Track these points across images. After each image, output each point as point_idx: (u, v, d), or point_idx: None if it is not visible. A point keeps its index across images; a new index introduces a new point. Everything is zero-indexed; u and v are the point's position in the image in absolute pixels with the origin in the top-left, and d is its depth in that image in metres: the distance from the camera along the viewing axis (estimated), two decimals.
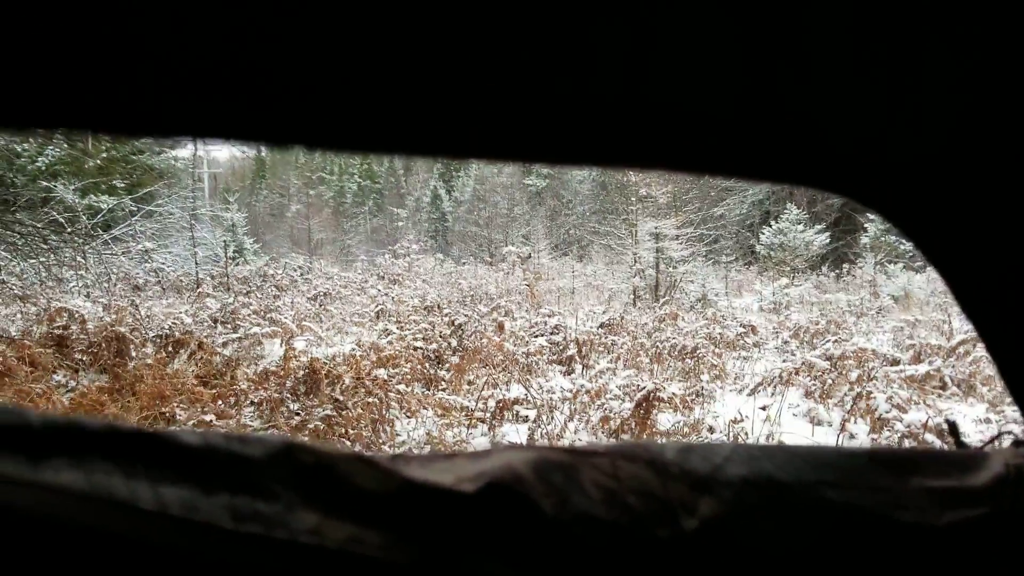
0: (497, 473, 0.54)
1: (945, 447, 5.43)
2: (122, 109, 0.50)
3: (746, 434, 6.15)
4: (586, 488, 0.56)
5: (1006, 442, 0.85)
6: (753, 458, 0.63)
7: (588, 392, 6.48)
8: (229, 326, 9.48)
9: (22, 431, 0.50)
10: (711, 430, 6.36)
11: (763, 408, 6.75)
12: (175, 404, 6.51)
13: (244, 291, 14.39)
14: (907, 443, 5.63)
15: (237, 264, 20.83)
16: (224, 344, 8.29)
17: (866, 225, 25.74)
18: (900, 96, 0.56)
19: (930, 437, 5.55)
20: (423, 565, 0.50)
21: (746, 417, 6.31)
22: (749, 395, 7.17)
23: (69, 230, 14.10)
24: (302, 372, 6.68)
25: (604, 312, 12.25)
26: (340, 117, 0.52)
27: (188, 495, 0.49)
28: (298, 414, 6.46)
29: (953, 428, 0.92)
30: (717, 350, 9.14)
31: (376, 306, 11.71)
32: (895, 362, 8.25)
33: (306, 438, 5.87)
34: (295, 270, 19.54)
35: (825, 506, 0.60)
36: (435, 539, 0.51)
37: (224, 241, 18.78)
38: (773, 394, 7.37)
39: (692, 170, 0.63)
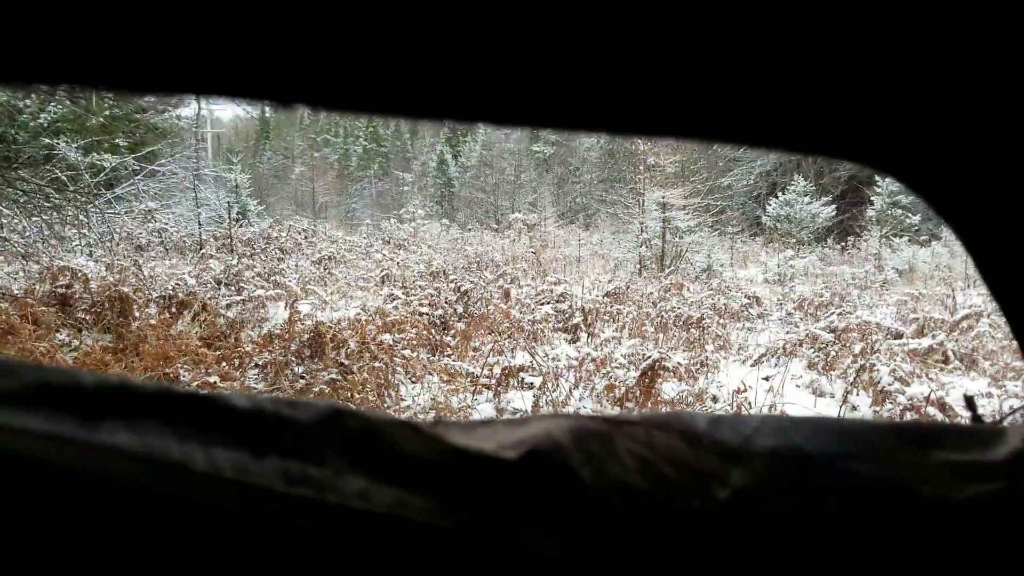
0: (537, 440, 0.55)
1: (945, 420, 5.48)
2: (124, 64, 0.48)
3: (749, 404, 6.18)
4: (622, 457, 0.56)
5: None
6: (782, 429, 0.63)
7: (593, 360, 6.50)
8: (233, 288, 9.49)
9: (74, 392, 0.51)
10: (715, 400, 6.41)
11: (766, 379, 6.79)
12: (179, 365, 6.54)
13: (248, 253, 14.41)
14: (908, 416, 5.66)
15: (241, 226, 20.78)
16: (228, 306, 8.31)
17: (872, 198, 25.59)
18: (945, 70, 0.55)
19: (932, 410, 5.58)
20: (468, 530, 0.50)
21: (749, 387, 6.34)
22: (753, 366, 7.21)
23: (72, 188, 14.06)
24: (306, 336, 6.70)
25: (610, 281, 12.28)
26: (354, 74, 0.51)
27: (240, 458, 0.49)
28: (303, 377, 6.49)
29: (971, 403, 0.93)
30: (722, 320, 9.17)
31: (381, 271, 11.74)
32: (898, 335, 8.27)
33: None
34: (299, 233, 19.51)
35: (851, 478, 0.61)
36: (479, 505, 0.52)
37: (228, 202, 18.74)
38: (776, 365, 7.41)
39: (726, 141, 0.62)
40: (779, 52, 0.53)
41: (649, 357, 6.35)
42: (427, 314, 7.55)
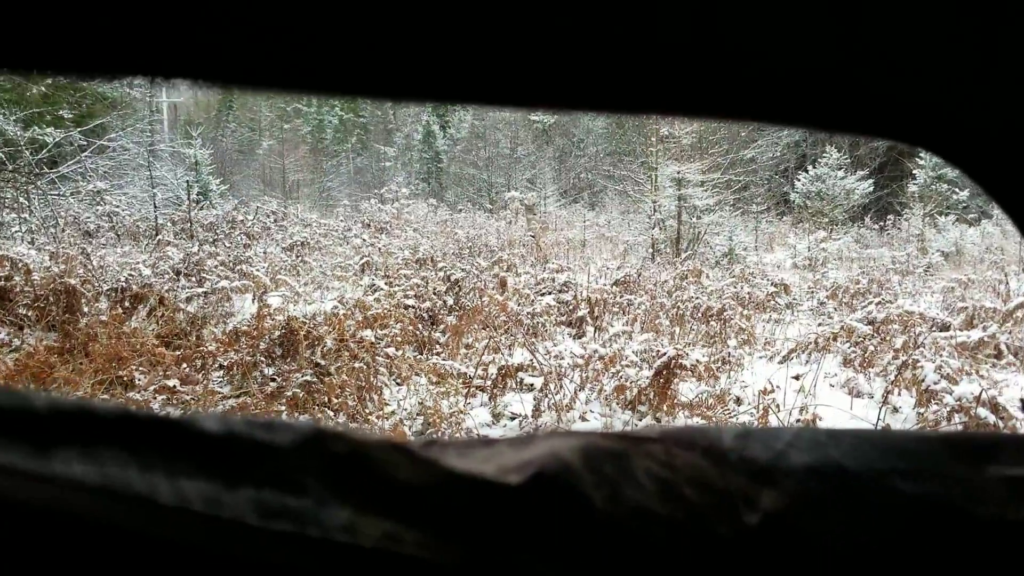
0: (543, 462, 0.55)
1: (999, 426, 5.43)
2: (71, 46, 0.48)
3: (777, 406, 6.18)
4: (639, 479, 0.56)
5: None
6: (818, 444, 0.63)
7: (601, 358, 6.49)
8: (194, 279, 9.48)
9: (27, 417, 0.50)
10: (738, 402, 6.42)
11: (796, 377, 6.77)
12: (134, 367, 6.52)
13: (210, 239, 14.40)
14: (957, 418, 5.67)
15: (202, 208, 20.75)
16: (188, 300, 8.30)
17: (915, 172, 25.51)
18: (996, 37, 0.55)
19: (983, 412, 5.60)
20: (467, 565, 0.50)
21: (777, 387, 6.33)
22: (781, 363, 7.19)
23: (10, 167, 14.01)
24: (277, 333, 6.69)
25: (619, 268, 12.31)
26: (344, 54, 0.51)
27: (210, 489, 0.49)
28: (274, 380, 6.49)
29: None
30: (745, 312, 9.16)
31: (361, 258, 11.72)
32: (945, 327, 8.27)
33: (283, 407, 5.65)
34: (268, 216, 19.51)
35: (896, 498, 0.60)
36: (479, 536, 0.51)
37: (186, 182, 18.70)
38: (808, 362, 7.38)
39: (751, 119, 0.62)
40: (814, 21, 0.53)
41: (664, 354, 6.33)
42: (413, 307, 7.53)
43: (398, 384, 6.55)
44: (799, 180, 28.76)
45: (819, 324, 8.90)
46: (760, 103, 0.58)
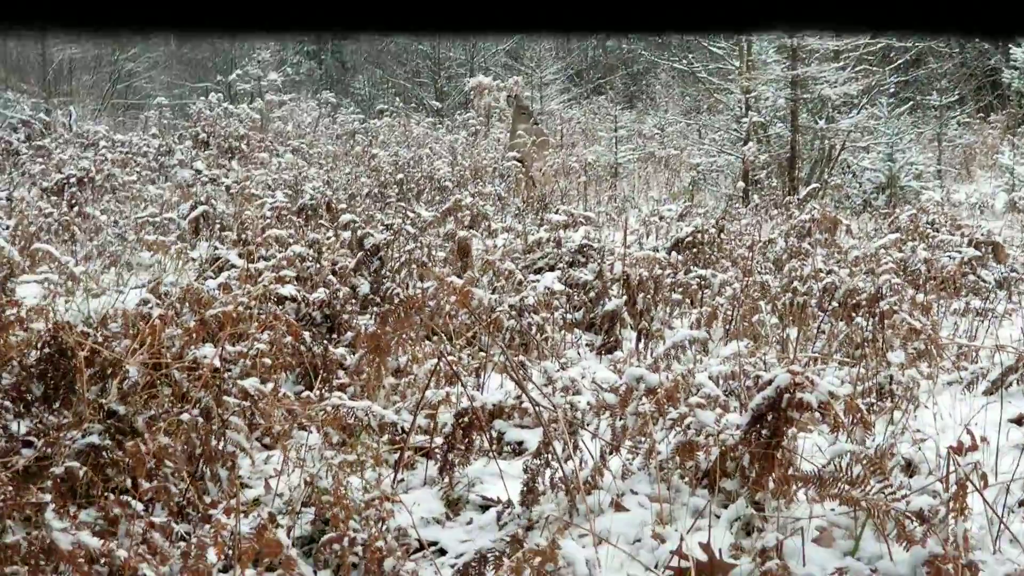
0: None
1: None
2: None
3: (983, 477, 3.69)
4: None
5: None
6: None
7: (651, 391, 4.23)
8: None
9: None
10: (910, 471, 4.24)
11: (1019, 422, 4.72)
12: None
13: None
14: None
15: None
16: None
17: None
18: None
19: None
20: None
21: (983, 441, 4.02)
22: (987, 393, 5.06)
23: None
24: (36, 353, 4.48)
25: (683, 216, 8.94)
26: None
27: None
28: (29, 443, 4.24)
29: None
30: (922, 297, 6.53)
31: (193, 206, 8.33)
32: None
33: (46, 496, 3.57)
34: (14, 126, 14.03)
35: None
36: None
37: None
38: None
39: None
40: None
41: (769, 382, 3.97)
42: (294, 300, 5.34)
43: (266, 448, 4.49)
44: (1019, 45, 18.75)
45: None
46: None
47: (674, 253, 7.44)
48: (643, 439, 3.98)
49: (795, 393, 3.76)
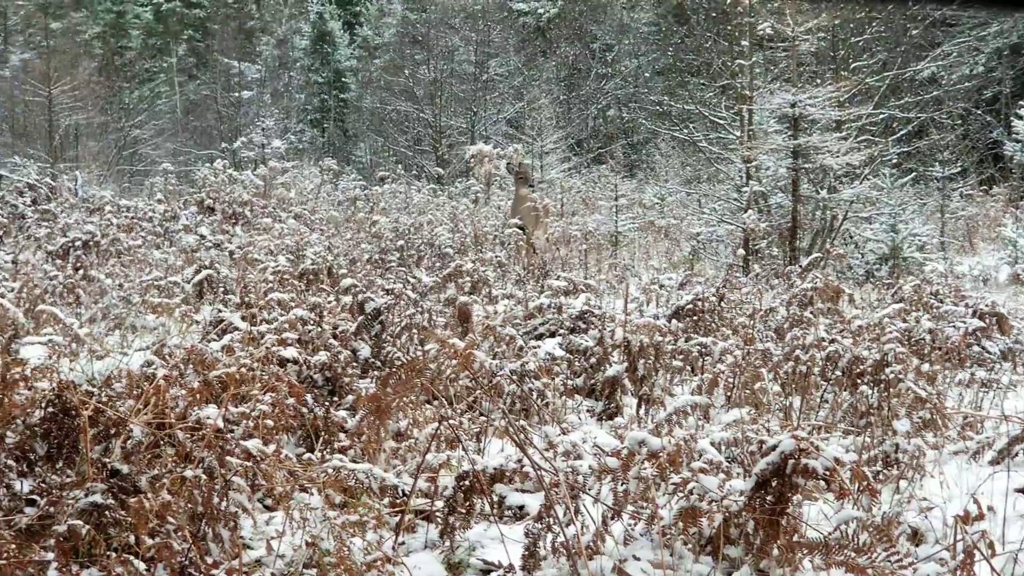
0: None
1: None
2: None
3: (991, 546, 3.64)
4: None
5: None
6: None
7: (653, 456, 4.17)
8: None
9: None
10: (916, 539, 4.10)
11: None
12: None
13: None
14: None
15: None
16: None
17: None
18: None
19: None
20: None
21: (990, 510, 3.91)
22: (993, 463, 4.95)
23: None
24: (40, 412, 4.36)
25: (684, 284, 9.09)
26: None
27: None
28: (33, 502, 4.18)
29: None
30: (927, 367, 6.52)
31: (197, 270, 8.49)
32: None
33: (49, 556, 3.57)
34: (21, 194, 13.70)
35: None
36: None
37: None
38: None
39: None
40: None
41: (774, 448, 3.90)
42: (296, 362, 5.31)
43: (268, 509, 4.45)
44: (1021, 118, 18.26)
45: None
46: None
47: (674, 320, 7.35)
48: (645, 504, 3.89)
49: (800, 459, 3.68)
